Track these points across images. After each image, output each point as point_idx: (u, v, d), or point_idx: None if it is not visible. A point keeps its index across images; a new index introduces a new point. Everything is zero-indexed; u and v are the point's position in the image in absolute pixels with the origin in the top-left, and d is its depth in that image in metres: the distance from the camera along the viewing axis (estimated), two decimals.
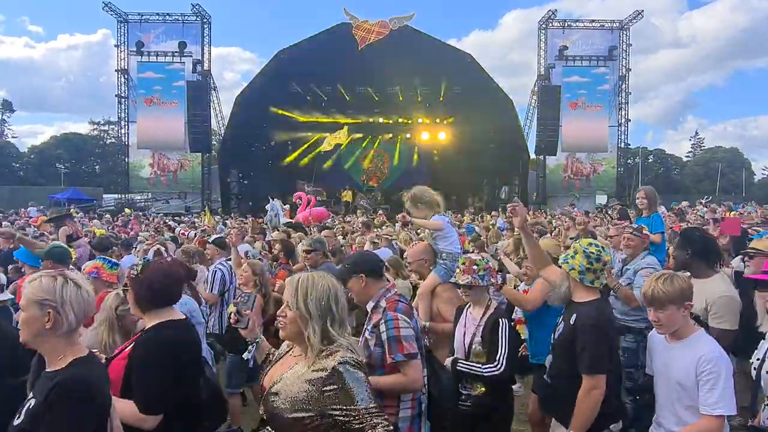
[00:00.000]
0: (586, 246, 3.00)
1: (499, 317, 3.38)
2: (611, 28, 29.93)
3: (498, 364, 3.27)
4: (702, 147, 69.00)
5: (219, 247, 6.39)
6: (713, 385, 2.34)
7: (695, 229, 4.46)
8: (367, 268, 3.09)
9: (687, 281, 2.53)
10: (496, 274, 3.53)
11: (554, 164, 30.48)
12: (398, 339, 2.81)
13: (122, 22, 29.92)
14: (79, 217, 19.94)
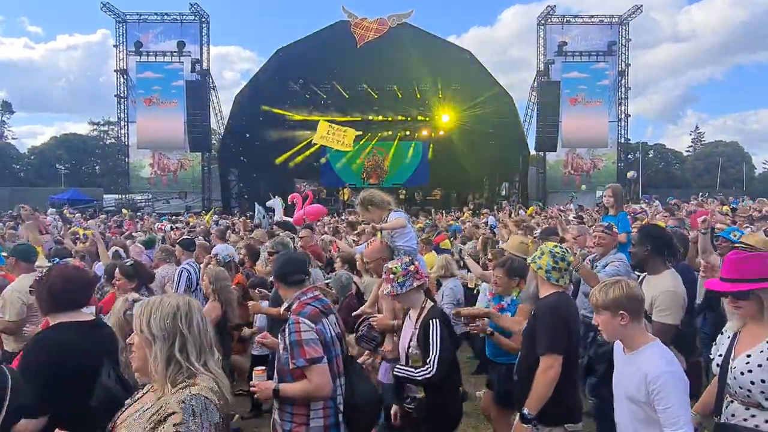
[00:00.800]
0: (552, 247, 3.22)
1: (431, 318, 3.25)
2: (610, 23, 29.89)
3: (429, 367, 3.16)
4: (702, 141, 68.93)
5: (184, 248, 6.37)
6: (665, 405, 2.29)
7: (654, 225, 4.45)
8: (280, 274, 3.12)
9: (627, 290, 2.43)
10: (421, 276, 3.37)
11: (554, 160, 30.48)
12: (299, 343, 2.75)
13: (121, 22, 29.91)
14: (76, 218, 20.00)
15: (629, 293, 2.43)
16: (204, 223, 15.59)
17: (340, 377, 2.98)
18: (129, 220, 18.54)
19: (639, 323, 2.46)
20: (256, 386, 2.91)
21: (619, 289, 2.44)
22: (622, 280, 2.54)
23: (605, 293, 2.45)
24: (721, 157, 54.73)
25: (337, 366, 2.96)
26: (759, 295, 2.39)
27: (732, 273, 2.47)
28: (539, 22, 30.01)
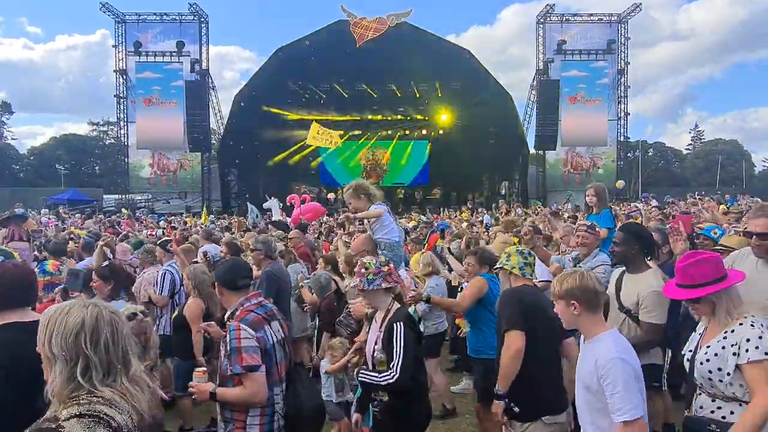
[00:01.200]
0: (518, 247, 3.54)
1: (396, 321, 3.18)
2: (609, 21, 29.90)
3: (391, 372, 3.08)
4: (702, 140, 68.95)
5: (165, 249, 6.36)
6: (612, 390, 2.34)
7: (636, 224, 4.46)
8: (222, 279, 3.11)
9: (580, 282, 2.50)
10: (394, 278, 3.30)
11: (554, 159, 30.49)
12: (238, 350, 2.77)
13: (120, 22, 29.91)
14: (75, 218, 20.00)
15: (582, 284, 2.50)
16: (198, 223, 15.60)
17: (281, 384, 2.99)
18: (127, 219, 18.52)
19: (593, 314, 2.53)
20: (194, 387, 2.95)
21: (573, 280, 2.53)
22: (579, 272, 2.62)
23: (560, 284, 2.57)
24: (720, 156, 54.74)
25: (278, 373, 2.97)
26: (710, 299, 2.49)
27: (683, 279, 2.57)
28: (538, 20, 30.01)
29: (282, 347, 3.05)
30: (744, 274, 2.68)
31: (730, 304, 2.49)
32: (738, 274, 2.62)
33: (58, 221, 17.97)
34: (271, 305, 3.22)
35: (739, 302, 2.50)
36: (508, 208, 20.91)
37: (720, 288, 2.47)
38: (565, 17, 30.38)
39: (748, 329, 2.40)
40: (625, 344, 2.51)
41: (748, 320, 2.44)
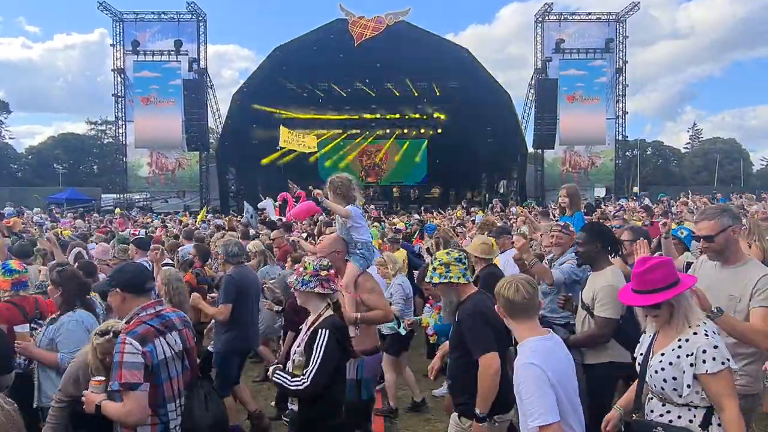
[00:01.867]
0: (449, 252, 3.42)
1: (321, 328, 3.06)
2: (608, 20, 29.90)
3: (303, 379, 2.97)
4: (700, 138, 69.03)
5: (138, 247, 6.33)
6: (524, 396, 2.39)
7: (598, 223, 4.50)
8: (123, 281, 2.95)
9: (499, 290, 2.58)
10: (331, 286, 3.21)
11: (552, 158, 30.50)
12: (120, 365, 2.65)
13: (117, 21, 29.86)
14: (69, 217, 19.97)
15: (499, 292, 2.62)
16: (194, 223, 15.60)
17: (177, 399, 2.87)
18: (120, 218, 18.41)
19: (515, 320, 2.58)
20: (85, 396, 2.82)
21: (497, 287, 2.65)
22: (506, 279, 2.65)
23: (496, 287, 2.67)
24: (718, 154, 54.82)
25: (172, 388, 2.85)
26: (670, 303, 2.49)
27: (639, 285, 2.54)
28: (537, 19, 30.01)
29: (181, 360, 2.92)
30: (695, 278, 2.72)
31: (688, 308, 2.48)
32: (691, 278, 2.62)
33: (50, 221, 17.91)
34: (174, 314, 3.06)
35: (694, 307, 2.51)
36: (502, 207, 20.93)
37: (677, 292, 2.46)
38: (563, 16, 30.39)
39: (703, 339, 2.38)
40: (545, 350, 2.48)
41: (702, 329, 2.43)
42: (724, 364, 2.33)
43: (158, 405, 2.78)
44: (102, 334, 3.11)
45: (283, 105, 29.56)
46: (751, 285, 2.92)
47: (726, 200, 16.50)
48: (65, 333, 3.65)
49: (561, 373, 2.43)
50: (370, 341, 4.03)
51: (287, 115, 30.02)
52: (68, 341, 3.62)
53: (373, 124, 32.19)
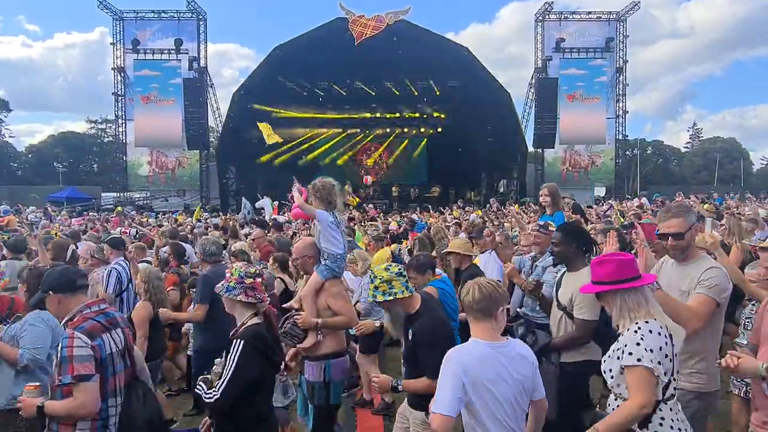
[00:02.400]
0: (388, 268, 3.34)
1: (238, 338, 2.96)
2: (608, 19, 29.89)
3: (214, 392, 2.89)
4: (700, 138, 69.01)
5: (113, 247, 6.34)
6: (438, 384, 2.50)
7: (573, 224, 4.54)
8: (52, 284, 2.96)
9: (468, 293, 2.60)
10: (256, 295, 3.08)
11: (552, 157, 30.50)
12: (69, 359, 2.65)
13: (118, 20, 29.85)
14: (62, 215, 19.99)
15: (461, 294, 2.70)
16: (190, 221, 15.62)
17: (117, 395, 2.88)
18: (116, 217, 18.36)
19: (473, 320, 2.61)
20: (21, 401, 2.83)
21: (461, 290, 2.71)
22: (472, 284, 2.66)
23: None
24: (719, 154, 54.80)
25: (115, 383, 2.86)
26: (607, 298, 2.58)
27: (593, 276, 2.66)
28: (537, 18, 29.99)
29: (122, 358, 2.93)
30: (653, 277, 2.78)
31: (624, 306, 2.51)
32: (647, 277, 2.63)
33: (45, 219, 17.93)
34: (117, 313, 3.08)
35: (640, 305, 2.51)
36: (499, 206, 20.97)
37: (610, 288, 2.51)
38: (563, 15, 30.38)
39: (632, 334, 2.44)
40: (480, 354, 2.50)
41: (637, 325, 2.47)
42: (640, 361, 2.36)
43: (101, 399, 2.78)
44: None
45: (283, 104, 29.54)
46: (697, 278, 3.03)
47: (722, 200, 16.50)
48: (29, 329, 3.65)
49: (488, 380, 2.45)
50: (337, 344, 4.00)
51: (286, 114, 30.00)
52: (31, 338, 3.62)
53: (373, 123, 32.17)
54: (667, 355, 2.42)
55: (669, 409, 2.46)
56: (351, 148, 33.02)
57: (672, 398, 2.48)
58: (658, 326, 2.45)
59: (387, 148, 33.20)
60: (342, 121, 32.08)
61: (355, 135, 32.70)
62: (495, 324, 2.57)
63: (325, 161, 32.40)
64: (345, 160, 32.97)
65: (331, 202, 4.03)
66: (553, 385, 3.44)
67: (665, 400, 2.44)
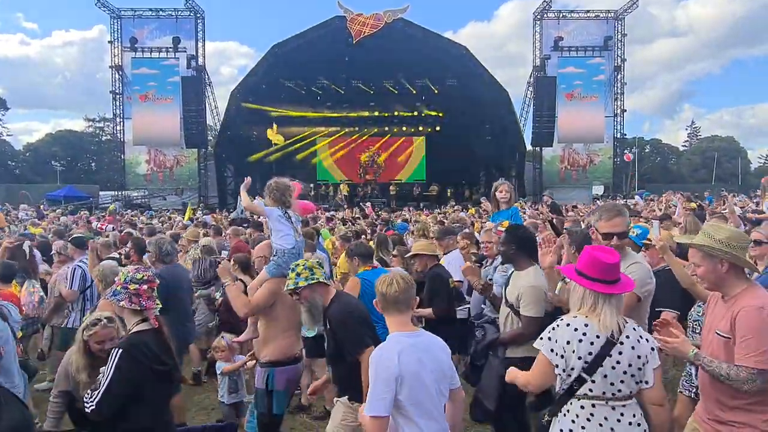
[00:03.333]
0: (296, 267, 3.46)
1: (117, 348, 2.80)
2: (606, 18, 29.89)
3: (90, 403, 2.75)
4: (698, 136, 69.13)
5: (76, 246, 6.35)
6: (370, 389, 2.52)
7: (519, 226, 4.58)
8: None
9: (383, 283, 2.65)
10: (141, 302, 2.92)
11: (551, 156, 30.52)
12: None
13: (115, 18, 29.77)
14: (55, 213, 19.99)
15: (376, 287, 2.72)
16: (180, 220, 15.57)
17: None
18: (110, 215, 18.32)
19: (387, 315, 2.66)
20: None
21: (376, 282, 2.75)
22: (387, 276, 2.71)
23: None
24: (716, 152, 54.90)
25: None
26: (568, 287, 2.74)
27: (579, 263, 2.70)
28: (535, 17, 29.97)
29: None
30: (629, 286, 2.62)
31: (574, 300, 2.57)
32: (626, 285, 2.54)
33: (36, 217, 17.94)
34: None
35: (577, 301, 2.55)
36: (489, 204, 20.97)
37: (574, 279, 2.55)
38: (562, 14, 30.36)
39: (555, 323, 2.55)
40: (405, 345, 2.53)
41: (566, 317, 2.53)
42: (537, 348, 2.53)
43: None
44: (93, 323, 3.25)
45: (281, 102, 29.51)
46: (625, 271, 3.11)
47: (711, 199, 16.51)
48: None
49: (414, 371, 2.47)
50: (282, 352, 3.86)
51: (284, 113, 29.97)
52: None
53: (371, 121, 32.17)
54: (575, 351, 2.41)
55: (580, 407, 2.46)
56: (349, 146, 33.00)
57: (590, 399, 2.44)
58: (582, 323, 2.46)
59: (385, 146, 33.19)
60: (340, 120, 32.08)
61: (353, 134, 32.69)
62: (410, 314, 2.68)
63: (321, 159, 32.39)
64: (343, 158, 32.96)
65: (285, 202, 4.04)
66: (496, 379, 3.53)
67: (578, 397, 2.46)
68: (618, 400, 2.44)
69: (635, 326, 2.53)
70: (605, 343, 2.42)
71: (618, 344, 2.43)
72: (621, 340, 2.43)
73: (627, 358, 2.42)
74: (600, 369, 2.42)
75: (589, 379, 2.43)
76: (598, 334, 2.43)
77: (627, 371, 2.42)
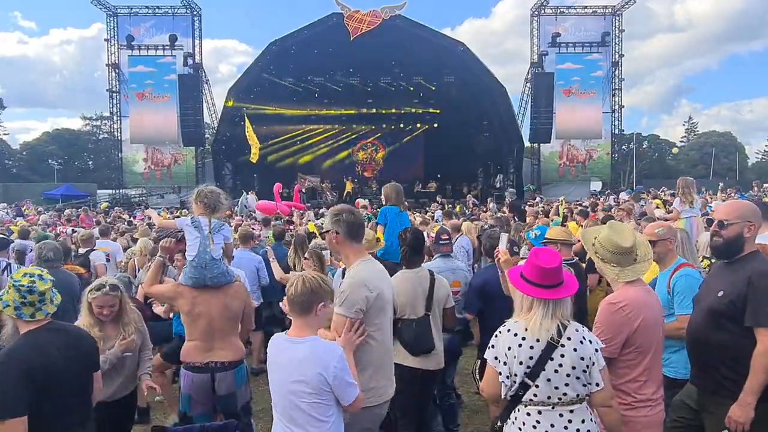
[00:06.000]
0: (19, 278, 2.67)
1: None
2: (604, 13, 29.83)
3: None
4: (696, 132, 69.20)
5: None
6: None
7: (414, 229, 4.63)
8: None
9: (292, 286, 2.65)
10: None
11: (549, 152, 30.49)
12: None
13: (111, 15, 29.64)
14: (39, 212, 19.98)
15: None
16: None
17: None
18: (83, 214, 18.14)
19: (292, 315, 2.68)
20: None
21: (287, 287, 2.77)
22: (296, 278, 2.72)
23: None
24: (714, 148, 54.95)
25: None
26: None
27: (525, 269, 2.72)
28: (533, 13, 29.90)
29: None
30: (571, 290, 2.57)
31: (518, 303, 2.55)
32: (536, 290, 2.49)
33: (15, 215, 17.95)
34: None
35: (516, 306, 2.55)
36: (476, 202, 21.22)
37: (514, 283, 2.55)
38: (559, 9, 30.29)
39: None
40: (270, 344, 2.74)
41: (507, 324, 2.53)
42: (486, 354, 2.53)
43: None
44: (98, 288, 3.59)
45: (278, 100, 29.45)
46: None
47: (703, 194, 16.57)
48: None
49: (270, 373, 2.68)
50: (189, 356, 3.74)
51: (280, 111, 29.92)
52: None
53: (369, 118, 32.12)
54: (516, 356, 2.40)
55: (526, 414, 2.43)
56: (347, 144, 32.97)
57: (535, 405, 2.41)
58: (521, 329, 2.44)
59: (383, 143, 33.17)
60: (338, 117, 32.03)
61: (350, 131, 32.65)
62: (313, 319, 2.63)
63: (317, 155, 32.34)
64: (341, 156, 32.94)
65: (215, 209, 3.90)
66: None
67: (524, 403, 2.43)
68: (564, 405, 2.40)
69: (578, 327, 2.48)
70: (546, 346, 2.39)
71: (559, 347, 2.39)
72: (562, 343, 2.40)
73: (570, 360, 2.38)
74: (543, 373, 2.39)
75: (533, 384, 2.40)
76: (537, 337, 2.41)
77: (570, 374, 2.38)
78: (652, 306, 2.84)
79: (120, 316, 3.68)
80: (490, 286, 4.24)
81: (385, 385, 3.09)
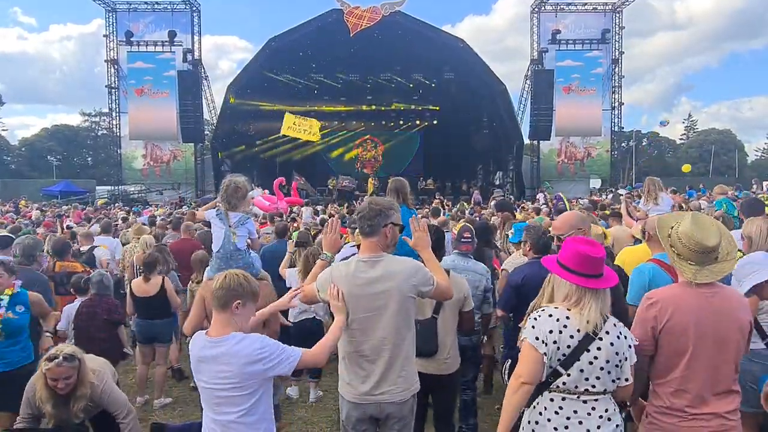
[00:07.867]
0: None
1: None
2: (604, 10, 29.77)
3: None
4: (695, 129, 69.20)
5: None
6: None
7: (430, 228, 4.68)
8: None
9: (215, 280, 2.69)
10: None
11: (548, 149, 30.47)
12: None
13: (111, 11, 29.55)
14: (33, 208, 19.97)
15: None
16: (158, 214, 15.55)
17: None
18: (76, 210, 18.10)
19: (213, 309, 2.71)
20: None
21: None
22: (221, 274, 2.74)
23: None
24: (714, 145, 54.96)
25: None
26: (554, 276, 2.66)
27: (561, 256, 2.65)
28: (533, 9, 29.84)
29: None
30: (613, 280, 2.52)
31: (549, 289, 2.56)
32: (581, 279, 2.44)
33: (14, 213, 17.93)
34: None
35: (549, 293, 2.55)
36: (478, 200, 21.26)
37: (557, 272, 2.50)
38: (559, 6, 30.20)
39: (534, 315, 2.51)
40: (192, 342, 2.76)
41: (543, 308, 2.50)
42: (525, 335, 2.46)
43: None
44: (51, 359, 3.17)
45: (278, 96, 29.36)
46: None
47: (691, 194, 16.60)
48: None
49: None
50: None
51: (280, 108, 29.84)
52: None
53: (368, 115, 32.08)
54: (556, 342, 2.37)
55: (549, 400, 2.41)
56: (346, 140, 32.94)
57: (561, 392, 2.40)
58: (563, 315, 2.42)
59: (382, 140, 33.13)
60: (337, 114, 31.98)
61: (350, 127, 32.62)
62: (230, 317, 2.60)
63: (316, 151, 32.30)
64: (340, 152, 32.92)
65: (229, 203, 3.94)
66: None
67: (550, 389, 2.41)
68: (590, 395, 2.39)
69: (616, 322, 2.46)
70: (584, 337, 2.37)
71: (597, 339, 2.37)
72: (601, 336, 2.38)
73: (605, 354, 2.36)
74: (576, 363, 2.36)
75: (565, 373, 2.38)
76: (579, 327, 2.38)
77: (604, 367, 2.37)
78: (696, 309, 2.49)
79: (75, 389, 3.22)
80: (529, 284, 3.82)
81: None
